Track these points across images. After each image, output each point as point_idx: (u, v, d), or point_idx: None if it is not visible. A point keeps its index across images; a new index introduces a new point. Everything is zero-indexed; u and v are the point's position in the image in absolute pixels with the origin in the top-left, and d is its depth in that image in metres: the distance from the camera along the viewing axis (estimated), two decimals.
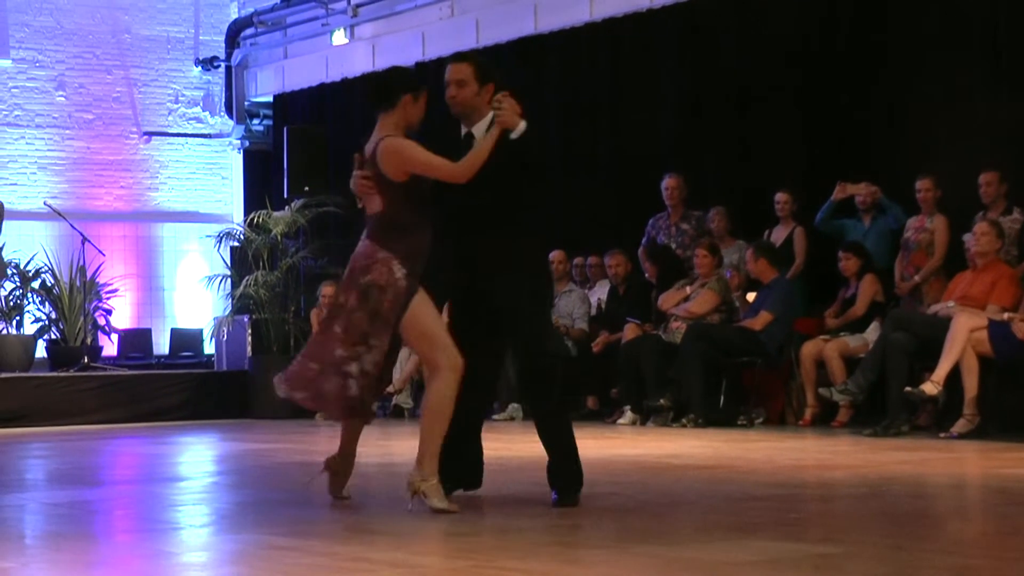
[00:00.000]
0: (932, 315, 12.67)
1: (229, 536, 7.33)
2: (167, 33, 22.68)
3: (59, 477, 11.16)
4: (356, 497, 8.65)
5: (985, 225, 12.85)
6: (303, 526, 7.37)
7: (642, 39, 16.24)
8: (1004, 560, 6.06)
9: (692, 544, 6.38)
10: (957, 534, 7.13)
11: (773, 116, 15.27)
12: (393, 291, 7.56)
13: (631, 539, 5.48)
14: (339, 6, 20.87)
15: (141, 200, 22.34)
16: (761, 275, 14.28)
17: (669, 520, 6.92)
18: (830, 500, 8.50)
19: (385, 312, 7.57)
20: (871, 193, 14.12)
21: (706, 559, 5.88)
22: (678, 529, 6.85)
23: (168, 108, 22.75)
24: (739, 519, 7.29)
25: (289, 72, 22.27)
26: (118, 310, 20.99)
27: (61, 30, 21.78)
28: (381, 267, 7.62)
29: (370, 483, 9.89)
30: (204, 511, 8.66)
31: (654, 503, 7.46)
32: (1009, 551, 6.33)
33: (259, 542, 6.77)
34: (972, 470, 9.99)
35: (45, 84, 21.70)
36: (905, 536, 6.74)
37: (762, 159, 15.31)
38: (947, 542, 6.76)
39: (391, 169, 7.73)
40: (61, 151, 21.79)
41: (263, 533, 7.11)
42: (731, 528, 6.92)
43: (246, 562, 6.27)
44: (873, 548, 6.32)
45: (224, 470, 11.56)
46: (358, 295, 7.63)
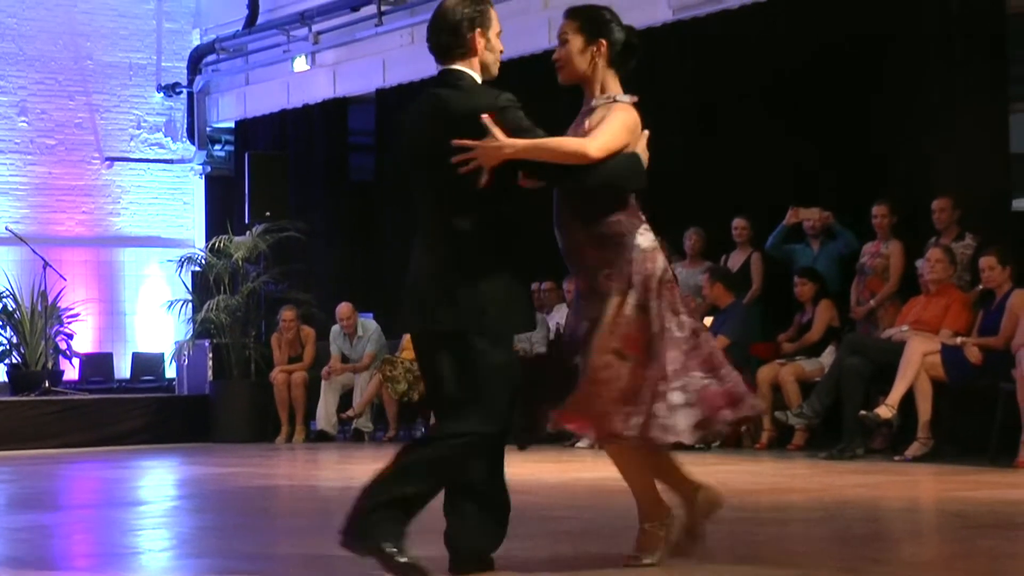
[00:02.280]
0: (886, 339, 12.70)
1: (189, 560, 7.31)
2: (129, 59, 22.66)
3: (19, 501, 11.11)
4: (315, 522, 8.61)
5: (938, 251, 12.89)
6: (263, 550, 7.34)
7: None
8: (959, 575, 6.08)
9: (649, 569, 6.36)
10: (912, 557, 7.13)
11: (732, 144, 15.29)
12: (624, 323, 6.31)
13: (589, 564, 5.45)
14: (300, 33, 20.87)
15: (103, 225, 22.29)
16: (718, 300, 14.33)
17: (627, 544, 6.88)
18: (786, 523, 8.48)
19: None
20: (824, 218, 14.17)
21: None
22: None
23: (130, 134, 22.71)
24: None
25: (251, 98, 22.26)
26: (79, 334, 20.96)
27: (23, 56, 21.74)
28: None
29: (330, 506, 9.86)
30: (164, 536, 8.63)
31: (612, 526, 7.44)
32: (963, 574, 6.33)
33: (219, 567, 6.74)
34: (926, 493, 10.01)
35: (7, 110, 21.66)
36: (860, 559, 6.74)
37: (720, 186, 15.32)
38: (902, 565, 6.77)
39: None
40: (23, 176, 21.75)
41: (223, 557, 7.08)
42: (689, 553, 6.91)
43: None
44: (828, 571, 6.33)
45: (185, 494, 11.52)
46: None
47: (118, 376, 21.05)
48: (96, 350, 21.34)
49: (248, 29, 21.80)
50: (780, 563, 6.63)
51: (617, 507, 8.65)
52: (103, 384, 20.32)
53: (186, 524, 9.27)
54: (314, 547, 7.43)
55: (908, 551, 7.38)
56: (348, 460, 14.20)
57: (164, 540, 8.40)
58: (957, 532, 7.94)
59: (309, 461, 14.69)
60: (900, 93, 14.17)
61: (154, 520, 9.58)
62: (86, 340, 21.33)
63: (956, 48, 13.87)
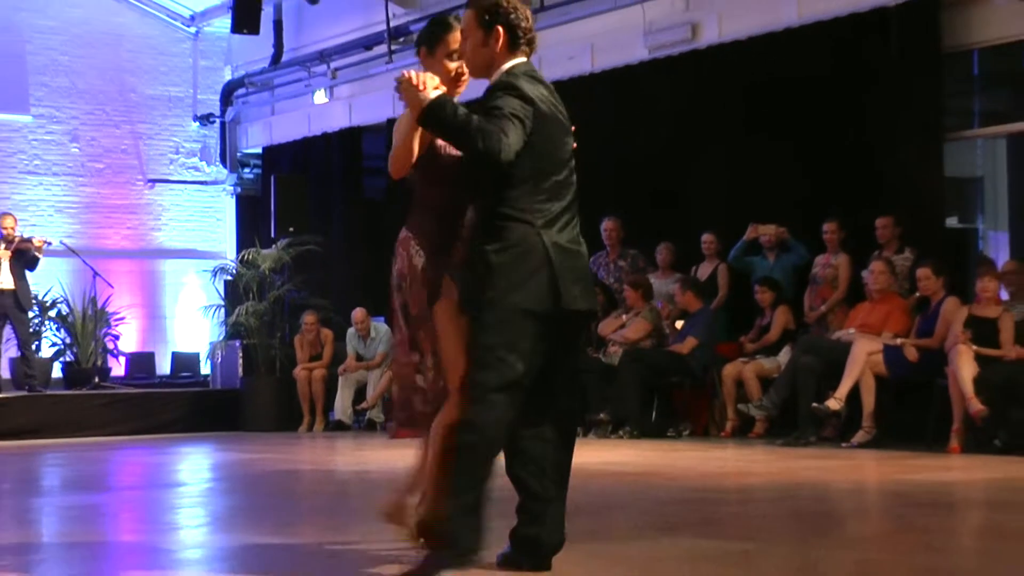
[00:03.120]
0: (835, 340, 12.73)
1: (223, 535, 7.32)
2: (168, 93, 22.62)
3: (71, 483, 11.13)
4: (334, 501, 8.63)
5: (881, 264, 12.94)
6: (288, 527, 7.36)
7: (581, 99, 16.23)
8: (899, 554, 6.11)
9: (627, 541, 6.39)
10: (857, 532, 7.16)
11: (700, 169, 15.30)
12: (414, 280, 5.66)
13: (574, 537, 5.48)
14: (320, 69, 20.85)
15: (145, 239, 22.25)
16: (688, 306, 14.34)
17: (606, 520, 6.94)
18: (747, 502, 8.53)
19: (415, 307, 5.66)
20: (779, 233, 14.22)
21: (639, 555, 5.90)
22: (615, 528, 6.86)
23: (169, 158, 22.66)
24: (668, 519, 7.31)
25: (276, 127, 22.22)
26: (125, 335, 20.93)
27: (75, 90, 21.69)
28: (402, 250, 5.72)
29: (346, 488, 9.90)
30: (200, 513, 8.65)
31: (594, 505, 7.48)
32: (903, 546, 6.37)
33: (249, 541, 6.77)
34: (870, 476, 10.04)
35: (61, 137, 21.62)
36: (812, 533, 6.78)
37: (689, 205, 15.34)
38: (849, 539, 6.80)
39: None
40: (75, 196, 21.70)
41: (253, 533, 7.10)
42: (661, 527, 6.94)
43: (238, 558, 6.27)
44: (784, 545, 6.36)
45: (218, 477, 11.53)
46: (395, 289, 5.75)
47: (159, 373, 21.02)
48: (140, 349, 21.30)
49: (274, 66, 21.75)
50: (742, 536, 6.67)
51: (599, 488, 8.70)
52: (146, 380, 20.28)
53: (219, 503, 9.28)
54: (332, 524, 7.47)
55: (854, 526, 7.42)
56: (362, 447, 14.19)
57: (200, 517, 8.41)
58: (896, 510, 7.97)
59: (328, 448, 14.70)
60: (848, 125, 14.18)
61: (191, 500, 9.59)
62: (131, 340, 21.28)
63: (897, 86, 13.90)
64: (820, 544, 6.34)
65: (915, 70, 13.85)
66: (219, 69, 22.99)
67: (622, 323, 14.60)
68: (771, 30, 14.96)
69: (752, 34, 15.14)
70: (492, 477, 5.20)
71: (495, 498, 5.21)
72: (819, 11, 14.54)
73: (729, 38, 15.24)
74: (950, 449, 11.37)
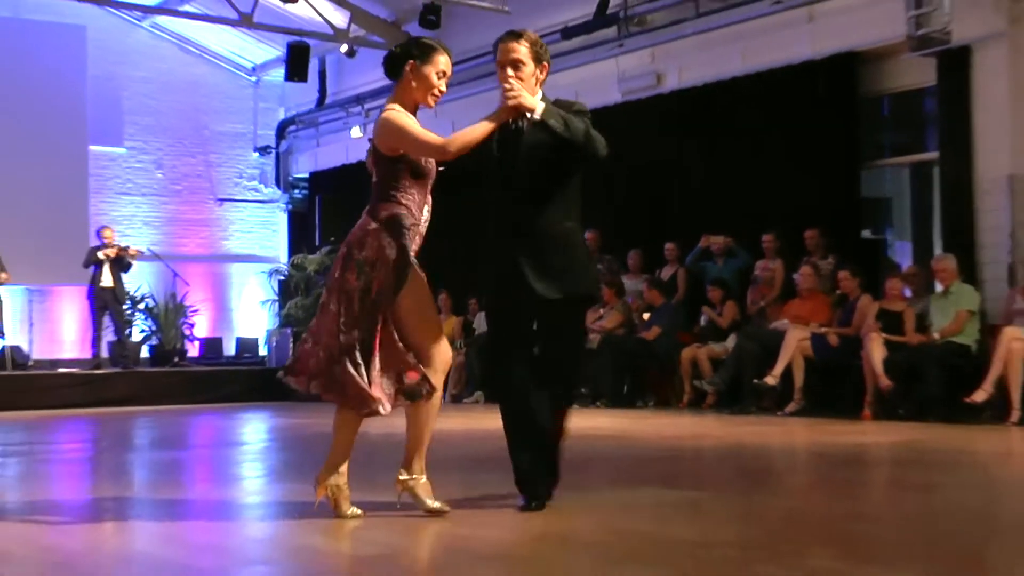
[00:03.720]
0: (772, 329, 12.74)
1: (277, 485, 7.34)
2: (234, 129, 22.65)
3: (158, 442, 11.16)
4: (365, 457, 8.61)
5: (809, 268, 12.97)
6: None
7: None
8: (821, 501, 6.13)
9: (604, 491, 6.40)
10: (789, 483, 7.18)
11: (662, 191, 15.31)
12: (383, 267, 5.24)
13: (562, 488, 5.49)
14: (356, 110, 20.87)
15: (215, 247, 22.28)
16: (653, 301, 14.36)
17: (586, 474, 6.93)
18: (700, 460, 8.54)
19: (376, 290, 5.25)
20: (727, 242, 14.24)
21: (615, 502, 5.90)
22: (593, 481, 6.86)
23: (234, 182, 22.69)
24: (637, 474, 7.33)
25: (320, 156, 22.23)
26: (199, 324, 20.97)
27: (159, 126, 21.75)
28: (372, 241, 5.28)
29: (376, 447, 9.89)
30: (259, 467, 8.66)
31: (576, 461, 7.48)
32: (825, 495, 6.39)
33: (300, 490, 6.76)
34: (799, 438, 10.06)
35: (148, 165, 21.66)
36: (752, 485, 6.79)
37: (654, 219, 15.33)
38: (782, 489, 6.82)
39: (381, 142, 5.47)
40: (159, 212, 21.73)
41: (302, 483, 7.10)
42: (631, 480, 6.96)
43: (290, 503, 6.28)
44: (730, 494, 6.37)
45: (273, 438, 11.55)
46: (355, 272, 5.28)
47: (226, 354, 21.04)
48: (210, 335, 21.32)
49: (318, 107, 21.79)
50: (696, 487, 6.69)
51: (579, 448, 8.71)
52: (215, 360, 20.31)
53: (274, 459, 9.30)
54: (365, 475, 7.46)
55: (786, 479, 7.43)
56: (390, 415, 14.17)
57: (259, 470, 8.44)
58: (820, 466, 7.99)
59: None
60: (783, 155, 14.19)
61: (252, 456, 9.62)
62: (203, 328, 21.29)
63: (823, 123, 13.90)
64: (759, 493, 6.35)
65: (837, 111, 13.87)
66: (275, 110, 23.02)
67: (599, 315, 14.63)
68: (720, 78, 14.96)
69: (706, 81, 15.13)
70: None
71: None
72: (760, 63, 14.54)
73: (687, 85, 15.25)
74: (863, 417, 11.38)
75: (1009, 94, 12.37)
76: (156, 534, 5.28)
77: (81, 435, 11.92)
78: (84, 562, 4.53)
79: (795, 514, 5.61)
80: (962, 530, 5.05)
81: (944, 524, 5.24)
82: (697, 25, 15.12)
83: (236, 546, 4.97)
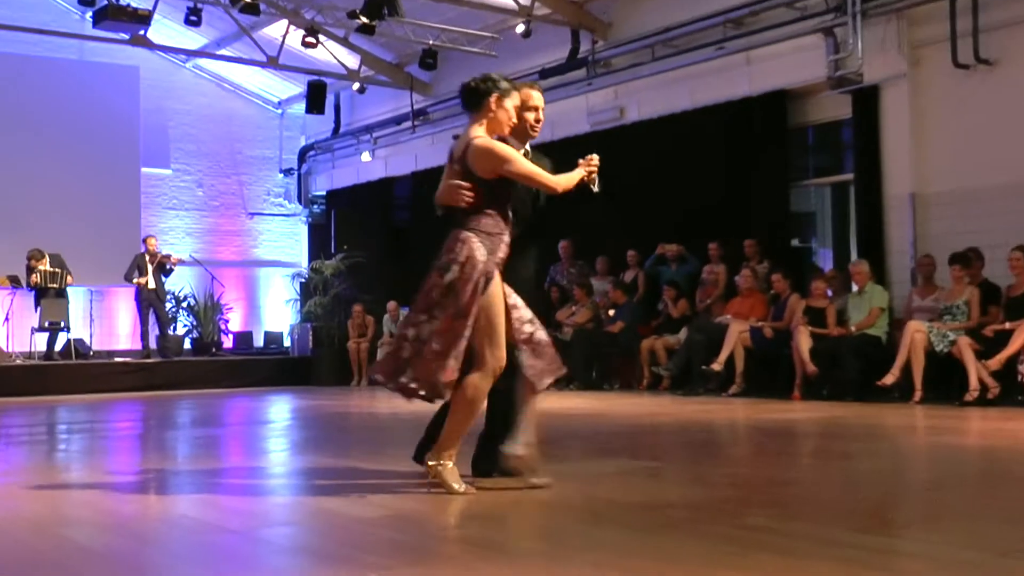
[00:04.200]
0: (717, 323, 12.76)
1: (299, 456, 7.33)
2: (263, 153, 22.59)
3: (197, 421, 11.13)
4: (374, 434, 8.59)
5: (748, 271, 13.00)
6: (343, 451, 7.37)
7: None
8: (758, 468, 6.14)
9: (577, 462, 6.41)
10: (731, 454, 7.20)
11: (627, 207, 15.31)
12: (471, 267, 4.86)
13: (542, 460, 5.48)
14: (365, 138, 20.83)
15: (247, 254, 22.22)
16: (617, 300, 14.36)
17: (561, 447, 6.94)
18: (657, 434, 8.53)
19: (459, 286, 4.86)
20: (679, 249, 14.26)
21: (587, 471, 5.91)
22: (570, 453, 6.88)
23: (263, 199, 22.61)
24: (604, 446, 7.33)
25: (336, 177, 22.18)
26: (232, 320, 20.92)
27: (199, 151, 21.70)
28: (463, 245, 4.90)
29: (382, 425, 9.88)
30: (284, 442, 8.65)
31: (552, 436, 7.49)
32: (761, 463, 6.41)
33: (318, 461, 6.77)
34: (740, 416, 10.07)
35: (190, 184, 21.61)
36: (701, 455, 6.80)
37: (619, 231, 15.33)
38: (725, 458, 6.83)
39: (482, 167, 4.96)
40: (199, 224, 21.67)
41: (319, 455, 7.11)
42: (599, 452, 6.96)
43: (310, 471, 6.28)
44: (683, 463, 6.38)
45: (295, 417, 11.54)
46: (438, 272, 4.91)
47: (256, 345, 20.99)
48: (243, 329, 21.26)
49: (334, 136, 21.76)
50: (654, 458, 6.71)
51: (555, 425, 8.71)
52: (247, 350, 20.25)
53: (296, 435, 9.29)
54: (374, 450, 7.48)
55: (728, 450, 7.45)
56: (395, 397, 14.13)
57: (284, 444, 8.43)
58: (757, 439, 8.00)
59: (370, 398, 14.69)
60: (726, 176, 14.22)
61: (278, 432, 9.61)
62: (237, 323, 21.24)
63: (758, 150, 13.93)
64: (706, 463, 6.36)
65: (770, 139, 13.90)
66: (297, 138, 22.98)
67: (572, 312, 14.65)
68: (673, 112, 14.98)
69: (661, 114, 15.15)
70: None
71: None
72: (706, 99, 14.56)
73: (646, 117, 15.25)
74: (793, 397, 11.42)
75: (910, 125, 12.44)
76: (195, 500, 5.27)
77: (133, 415, 11.88)
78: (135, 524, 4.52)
79: (736, 480, 5.62)
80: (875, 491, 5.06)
81: (860, 486, 5.25)
82: (653, 67, 15.15)
83: (263, 510, 4.95)
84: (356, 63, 19.65)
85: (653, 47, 15.15)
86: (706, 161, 14.42)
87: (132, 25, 16.13)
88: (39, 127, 19.33)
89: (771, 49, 13.76)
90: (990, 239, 11.56)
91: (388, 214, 20.84)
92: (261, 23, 18.44)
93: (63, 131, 19.51)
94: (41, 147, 19.30)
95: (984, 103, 11.83)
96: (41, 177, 19.22)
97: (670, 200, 14.70)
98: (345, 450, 7.46)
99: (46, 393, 15.06)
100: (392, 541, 3.80)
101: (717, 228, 14.05)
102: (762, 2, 13.72)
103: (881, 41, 12.53)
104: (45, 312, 16.76)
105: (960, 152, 12.04)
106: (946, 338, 10.46)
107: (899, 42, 12.46)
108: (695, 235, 14.26)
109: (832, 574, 3.18)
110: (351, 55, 19.49)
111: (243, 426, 10.60)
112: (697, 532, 3.96)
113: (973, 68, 11.83)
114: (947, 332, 10.51)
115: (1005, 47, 11.64)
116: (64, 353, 17.13)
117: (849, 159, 13.65)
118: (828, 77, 12.93)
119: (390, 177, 20.59)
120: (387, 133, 20.36)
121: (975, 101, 11.90)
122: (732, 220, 13.99)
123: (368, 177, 21.10)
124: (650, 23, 15.27)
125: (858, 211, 13.19)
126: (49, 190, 19.20)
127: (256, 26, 18.54)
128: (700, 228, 14.26)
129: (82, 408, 12.68)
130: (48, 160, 19.34)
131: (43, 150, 19.31)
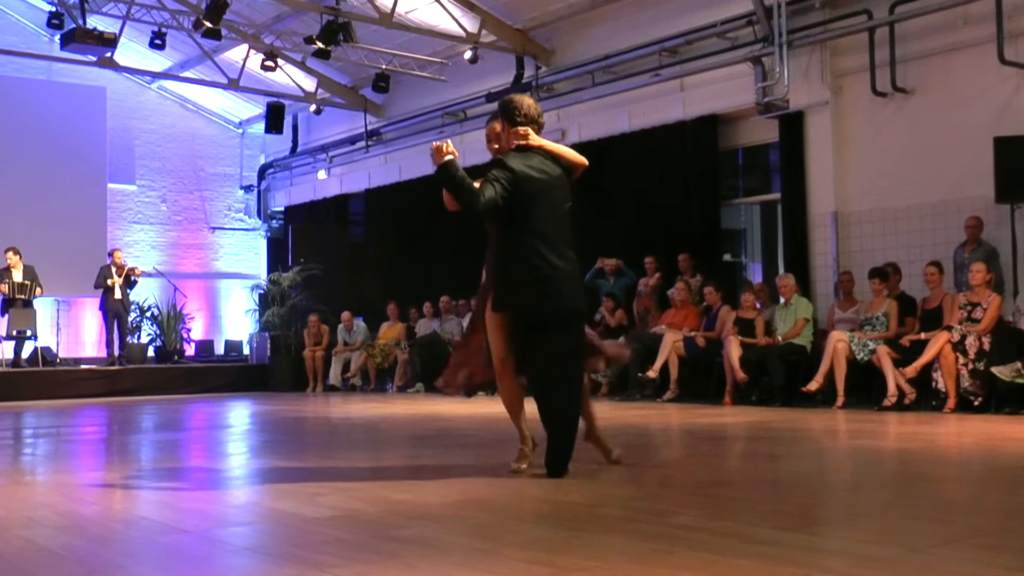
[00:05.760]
0: (653, 333, 12.81)
1: (257, 459, 7.24)
2: (225, 171, 22.49)
3: (160, 425, 10.99)
4: (328, 438, 8.50)
5: (682, 284, 13.06)
6: (298, 453, 7.29)
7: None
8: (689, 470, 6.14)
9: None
10: (664, 456, 7.19)
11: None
12: (483, 291, 5.53)
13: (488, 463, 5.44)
14: (322, 156, 20.82)
15: (209, 266, 22.08)
16: None
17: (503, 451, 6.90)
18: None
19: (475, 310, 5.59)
20: (617, 264, 14.29)
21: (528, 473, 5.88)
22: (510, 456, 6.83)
23: (224, 214, 22.50)
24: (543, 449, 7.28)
25: (293, 193, 22.10)
26: (194, 329, 20.74)
27: (164, 168, 21.60)
28: (485, 272, 5.57)
29: (337, 428, 9.81)
30: (243, 445, 8.56)
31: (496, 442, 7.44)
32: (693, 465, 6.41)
33: (274, 464, 6.70)
34: (674, 420, 10.10)
35: (155, 199, 21.50)
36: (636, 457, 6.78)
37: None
38: (659, 460, 6.82)
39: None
40: (163, 238, 21.54)
41: (276, 457, 7.03)
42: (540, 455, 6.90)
43: (265, 473, 6.21)
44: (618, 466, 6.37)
45: (254, 422, 11.43)
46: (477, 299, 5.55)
47: (217, 353, 20.84)
48: (204, 338, 21.10)
49: (292, 154, 21.74)
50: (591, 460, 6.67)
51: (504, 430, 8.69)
52: (208, 358, 20.11)
53: (254, 439, 9.18)
54: (328, 452, 7.41)
55: (662, 452, 7.44)
56: (348, 403, 14.09)
57: (242, 447, 8.34)
58: (690, 441, 8.01)
59: (324, 403, 14.60)
60: (661, 194, 14.30)
61: (236, 436, 9.49)
62: (198, 332, 21.09)
63: (691, 169, 14.02)
64: (640, 464, 6.35)
65: (702, 161, 13.99)
66: (256, 156, 22.89)
67: None
68: (612, 134, 15.05)
69: (600, 136, 15.22)
70: None
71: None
72: (643, 123, 14.66)
73: (586, 139, 15.33)
74: (724, 403, 11.48)
75: (833, 148, 12.57)
76: (155, 501, 5.18)
77: (98, 420, 11.71)
78: (94, 525, 4.43)
79: (669, 480, 5.61)
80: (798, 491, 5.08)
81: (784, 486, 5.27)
82: (594, 92, 15.22)
83: (219, 511, 4.88)
84: (313, 86, 19.58)
85: (593, 73, 15.22)
86: (643, 181, 14.49)
87: (99, 48, 15.98)
88: (9, 144, 19.14)
89: (704, 76, 13.87)
90: (907, 255, 11.71)
91: (343, 229, 20.77)
92: (223, 47, 18.34)
93: (32, 148, 19.32)
94: (11, 163, 19.12)
95: (901, 129, 12.00)
96: (11, 191, 19.03)
97: (609, 217, 14.74)
98: (300, 453, 7.38)
99: (13, 399, 14.82)
100: (340, 540, 3.76)
101: (653, 243, 14.12)
102: (695, 32, 13.83)
103: (806, 70, 12.68)
104: (12, 321, 16.53)
105: (879, 174, 12.20)
106: (866, 347, 10.57)
107: (822, 71, 12.61)
108: (632, 249, 14.32)
109: (756, 570, 3.17)
110: (308, 78, 19.42)
111: (203, 430, 10.47)
112: (628, 530, 3.94)
113: (890, 96, 12.00)
114: (867, 341, 10.62)
115: (920, 77, 11.82)
116: (31, 360, 16.87)
117: (776, 180, 13.78)
118: (756, 103, 13.06)
119: (345, 194, 20.53)
120: (342, 152, 20.30)
121: (893, 127, 12.06)
122: (667, 236, 14.06)
123: (324, 194, 21.01)
124: (591, 51, 15.34)
125: (785, 228, 13.31)
126: (18, 204, 19.02)
127: (218, 50, 18.44)
128: (637, 243, 14.31)
129: (48, 413, 12.47)
130: (17, 176, 19.15)
131: (13, 166, 19.13)
